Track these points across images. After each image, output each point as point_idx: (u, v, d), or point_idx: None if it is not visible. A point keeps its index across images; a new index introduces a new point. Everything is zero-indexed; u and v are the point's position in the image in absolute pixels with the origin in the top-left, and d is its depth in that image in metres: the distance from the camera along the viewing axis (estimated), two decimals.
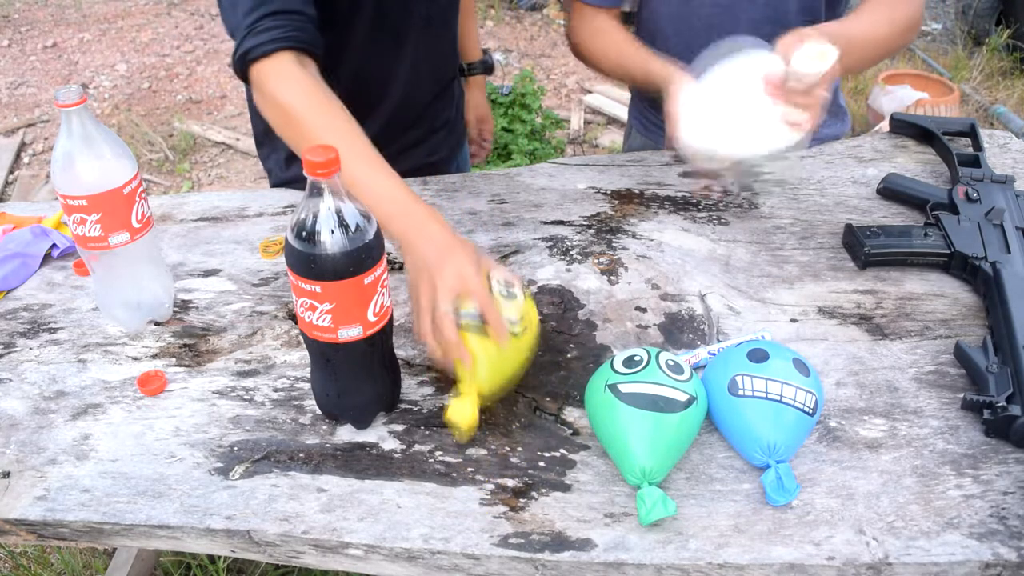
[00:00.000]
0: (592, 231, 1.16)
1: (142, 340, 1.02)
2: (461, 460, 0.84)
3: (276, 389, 0.94)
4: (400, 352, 0.96)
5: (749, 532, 0.75)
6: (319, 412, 0.89)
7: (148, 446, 0.87)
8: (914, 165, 1.29)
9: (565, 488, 0.81)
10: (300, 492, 0.81)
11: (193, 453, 0.86)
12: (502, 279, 0.86)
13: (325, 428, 0.88)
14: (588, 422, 0.85)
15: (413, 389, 0.93)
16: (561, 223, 1.19)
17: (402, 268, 1.05)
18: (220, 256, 1.17)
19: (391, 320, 0.84)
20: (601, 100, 3.74)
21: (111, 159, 0.92)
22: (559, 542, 0.75)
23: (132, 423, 0.90)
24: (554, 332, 0.99)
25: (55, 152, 0.91)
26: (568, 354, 0.96)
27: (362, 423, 0.88)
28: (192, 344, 1.01)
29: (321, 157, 0.73)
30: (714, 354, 0.92)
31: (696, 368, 0.89)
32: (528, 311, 0.87)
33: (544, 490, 0.80)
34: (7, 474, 0.85)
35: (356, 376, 0.85)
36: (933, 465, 0.81)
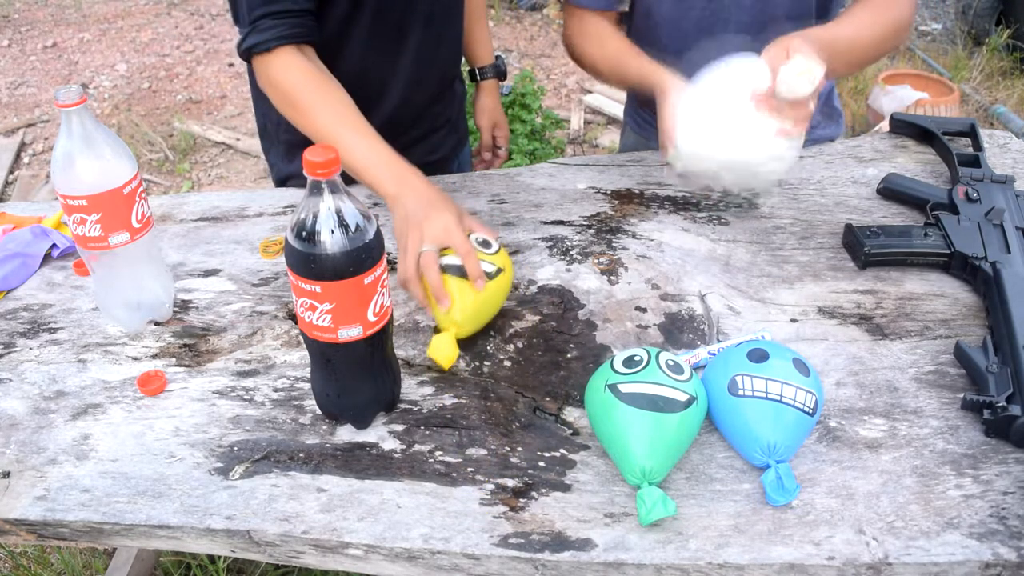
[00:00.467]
0: (592, 231, 1.16)
1: (142, 340, 1.02)
2: (461, 460, 0.84)
3: (276, 389, 0.94)
4: (400, 352, 0.96)
5: (749, 532, 0.75)
6: (319, 412, 0.89)
7: (148, 446, 0.87)
8: (914, 165, 1.29)
9: (565, 488, 0.80)
10: (300, 492, 0.81)
11: (193, 453, 0.86)
12: (480, 237, 0.98)
13: (325, 428, 0.88)
14: (588, 422, 0.85)
15: (413, 389, 0.93)
16: (561, 223, 1.19)
17: None
18: (220, 256, 1.17)
19: (391, 320, 0.84)
20: (601, 100, 3.74)
21: (111, 159, 0.92)
22: (559, 542, 0.75)
23: (132, 423, 0.90)
24: (554, 332, 0.99)
25: (55, 152, 0.91)
26: (568, 354, 0.96)
27: (362, 423, 0.88)
28: (192, 344, 1.01)
29: (321, 157, 0.73)
30: (714, 354, 0.92)
31: (696, 368, 0.89)
32: (502, 258, 0.98)
33: (544, 490, 0.80)
34: (7, 474, 0.85)
35: (356, 376, 0.85)
36: (933, 465, 0.81)
